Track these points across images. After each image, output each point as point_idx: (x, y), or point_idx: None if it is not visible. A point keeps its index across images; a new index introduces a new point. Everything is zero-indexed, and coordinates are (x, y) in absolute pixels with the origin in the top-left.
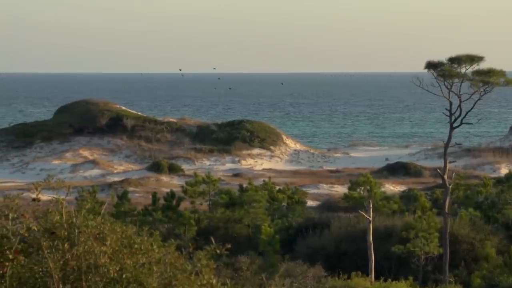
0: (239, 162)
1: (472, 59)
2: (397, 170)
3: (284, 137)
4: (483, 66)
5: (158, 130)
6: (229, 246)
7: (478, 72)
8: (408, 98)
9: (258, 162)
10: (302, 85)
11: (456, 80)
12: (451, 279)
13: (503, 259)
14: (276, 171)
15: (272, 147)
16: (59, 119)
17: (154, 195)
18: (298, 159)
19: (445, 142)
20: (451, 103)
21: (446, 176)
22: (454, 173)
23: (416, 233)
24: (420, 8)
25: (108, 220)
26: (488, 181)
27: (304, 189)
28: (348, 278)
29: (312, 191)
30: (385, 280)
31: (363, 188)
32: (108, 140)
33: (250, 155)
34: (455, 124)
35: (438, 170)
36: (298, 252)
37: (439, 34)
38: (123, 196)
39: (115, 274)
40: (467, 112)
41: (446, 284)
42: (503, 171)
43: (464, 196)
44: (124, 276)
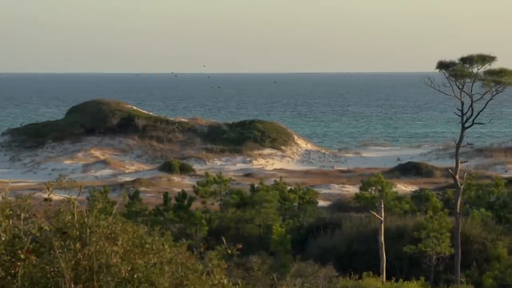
0: (250, 162)
1: (484, 59)
2: (408, 170)
3: (296, 137)
4: (494, 66)
5: (169, 130)
6: (240, 246)
7: (489, 72)
8: (419, 98)
9: (269, 162)
10: (308, 85)
11: (467, 80)
12: (462, 279)
13: None
14: (287, 171)
15: (283, 147)
16: (70, 119)
17: (166, 195)
18: (309, 159)
19: (456, 142)
20: (462, 103)
21: (457, 176)
22: (466, 173)
23: (427, 233)
24: (420, 8)
25: (120, 220)
26: (499, 181)
27: (315, 189)
28: (359, 278)
29: (323, 191)
30: (396, 280)
31: (374, 188)
32: (119, 140)
33: (261, 155)
34: (466, 124)
35: (450, 170)
36: (309, 252)
37: (439, 34)
38: (135, 196)
39: (127, 274)
40: (478, 112)
41: (457, 285)
42: None
43: (475, 196)
44: (135, 276)
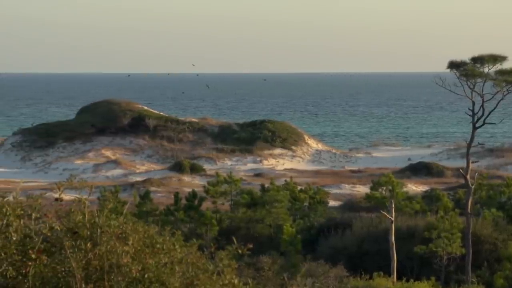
0: (260, 162)
1: (495, 58)
2: (419, 170)
3: (306, 137)
4: (506, 65)
5: (180, 130)
6: (250, 246)
7: (501, 72)
8: (430, 98)
9: (280, 162)
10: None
11: (479, 79)
12: (473, 280)
13: None
14: (297, 171)
15: (293, 147)
16: (81, 119)
17: (176, 195)
18: (320, 159)
19: (467, 142)
20: (473, 103)
21: (468, 176)
22: (477, 173)
23: (438, 233)
24: (420, 8)
25: (130, 220)
26: (511, 181)
27: (326, 189)
28: (370, 278)
29: (334, 191)
30: (407, 281)
31: (385, 188)
32: (130, 140)
33: (271, 155)
34: (477, 124)
35: (461, 170)
36: (320, 252)
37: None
38: (145, 196)
39: (137, 274)
40: (490, 112)
41: (468, 285)
42: None
43: (486, 196)
44: (146, 275)
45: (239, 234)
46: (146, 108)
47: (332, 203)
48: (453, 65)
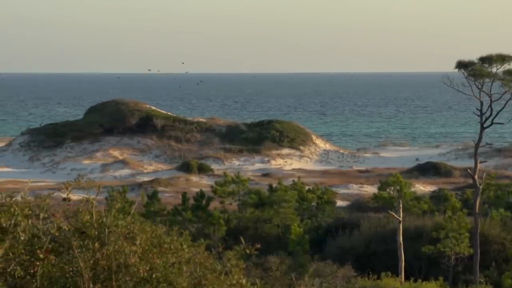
0: (268, 162)
1: (503, 58)
2: (427, 170)
3: (314, 137)
4: None
5: (187, 130)
6: (258, 246)
7: (509, 72)
8: (438, 98)
9: (288, 162)
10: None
11: (487, 79)
12: (481, 280)
13: None
14: (305, 171)
15: (301, 147)
16: (89, 119)
17: (184, 195)
18: (327, 159)
19: (475, 142)
20: (481, 103)
21: (476, 176)
22: (485, 173)
23: (446, 233)
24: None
25: (138, 220)
26: None
27: (333, 189)
28: (378, 278)
29: (342, 191)
30: (415, 281)
31: (393, 188)
32: (138, 140)
33: (279, 155)
34: (485, 124)
35: (469, 170)
36: (327, 252)
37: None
38: (153, 196)
39: (145, 274)
40: (498, 112)
41: (476, 285)
42: None
43: (494, 196)
44: (154, 275)
45: (247, 234)
46: (154, 108)
47: (339, 203)
48: (461, 65)
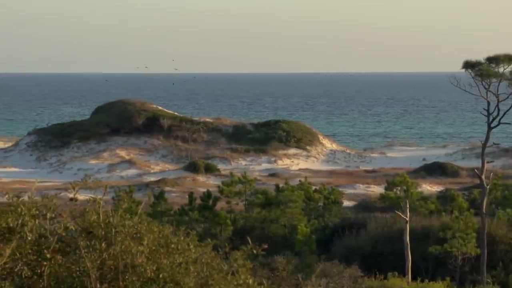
0: (275, 162)
1: (510, 58)
2: (434, 170)
3: (321, 137)
4: None
5: (194, 130)
6: (265, 246)
7: None
8: (445, 98)
9: (294, 162)
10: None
11: (494, 79)
12: (488, 280)
13: None
14: (312, 171)
15: (308, 147)
16: (96, 119)
17: (191, 195)
18: (334, 159)
19: (482, 142)
20: (489, 103)
21: (483, 176)
22: (492, 173)
23: (453, 233)
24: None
25: (145, 220)
26: None
27: (340, 189)
28: (385, 278)
29: (349, 191)
30: (422, 281)
31: (399, 188)
32: (144, 140)
33: (286, 155)
34: (493, 124)
35: (476, 170)
36: (334, 252)
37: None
38: (160, 196)
39: (152, 274)
40: (505, 112)
41: (483, 285)
42: None
43: (502, 196)
44: (161, 275)
45: (254, 234)
46: (160, 108)
47: (346, 203)
48: (468, 65)
